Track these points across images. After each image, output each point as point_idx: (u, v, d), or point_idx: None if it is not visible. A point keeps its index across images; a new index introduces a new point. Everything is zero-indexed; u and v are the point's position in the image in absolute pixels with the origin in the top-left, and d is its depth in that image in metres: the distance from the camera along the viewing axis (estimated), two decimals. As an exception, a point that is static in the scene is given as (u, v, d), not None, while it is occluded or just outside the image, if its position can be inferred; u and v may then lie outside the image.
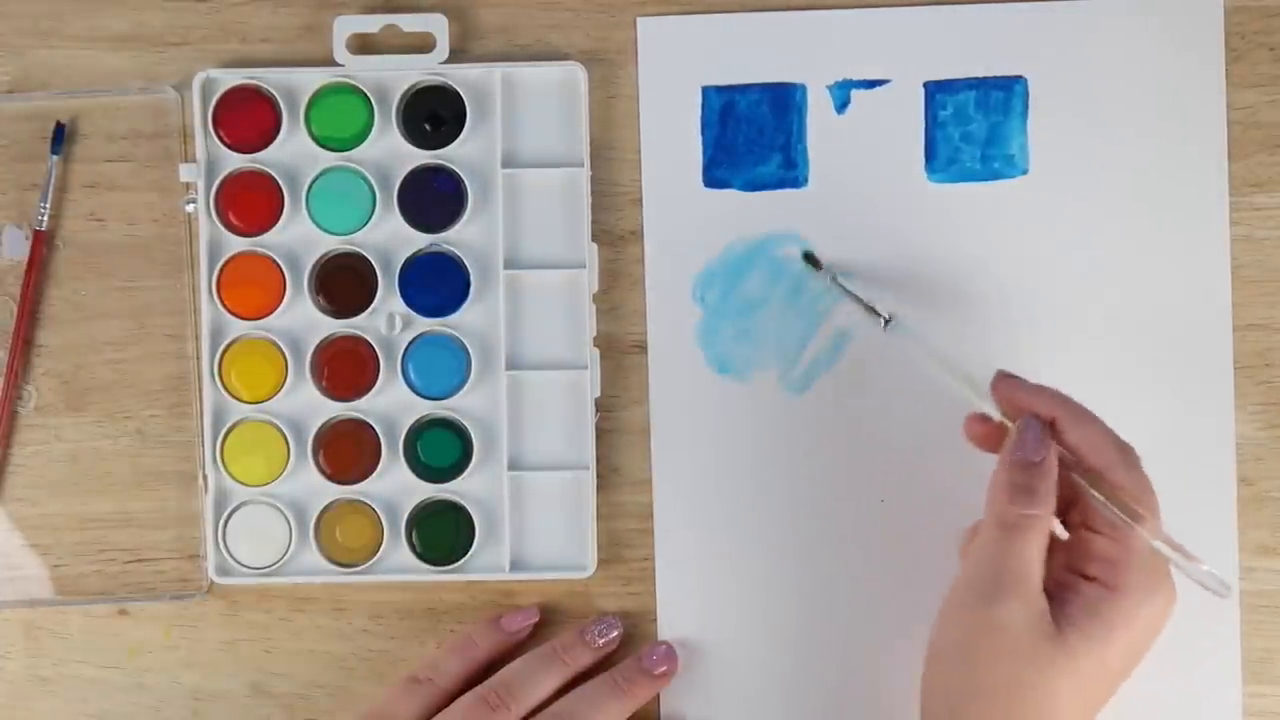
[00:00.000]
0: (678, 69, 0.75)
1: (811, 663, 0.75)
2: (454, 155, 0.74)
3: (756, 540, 0.75)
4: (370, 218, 0.74)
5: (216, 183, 0.75)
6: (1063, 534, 0.67)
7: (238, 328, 0.75)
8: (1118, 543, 0.64)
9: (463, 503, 0.75)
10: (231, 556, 0.75)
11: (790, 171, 0.75)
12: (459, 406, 0.75)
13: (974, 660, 0.63)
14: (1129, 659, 0.64)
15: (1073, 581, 0.64)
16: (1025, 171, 0.74)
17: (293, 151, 0.75)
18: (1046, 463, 0.65)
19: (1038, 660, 0.62)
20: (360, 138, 0.74)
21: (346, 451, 0.75)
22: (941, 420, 0.73)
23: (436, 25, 0.74)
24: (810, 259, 0.74)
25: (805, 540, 0.75)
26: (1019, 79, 0.74)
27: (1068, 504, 0.66)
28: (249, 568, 0.75)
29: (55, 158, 0.75)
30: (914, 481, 0.74)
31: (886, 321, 0.72)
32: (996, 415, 0.67)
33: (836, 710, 0.74)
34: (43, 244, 0.75)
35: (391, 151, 0.75)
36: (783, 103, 0.75)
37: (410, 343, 0.75)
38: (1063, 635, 0.62)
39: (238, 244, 0.75)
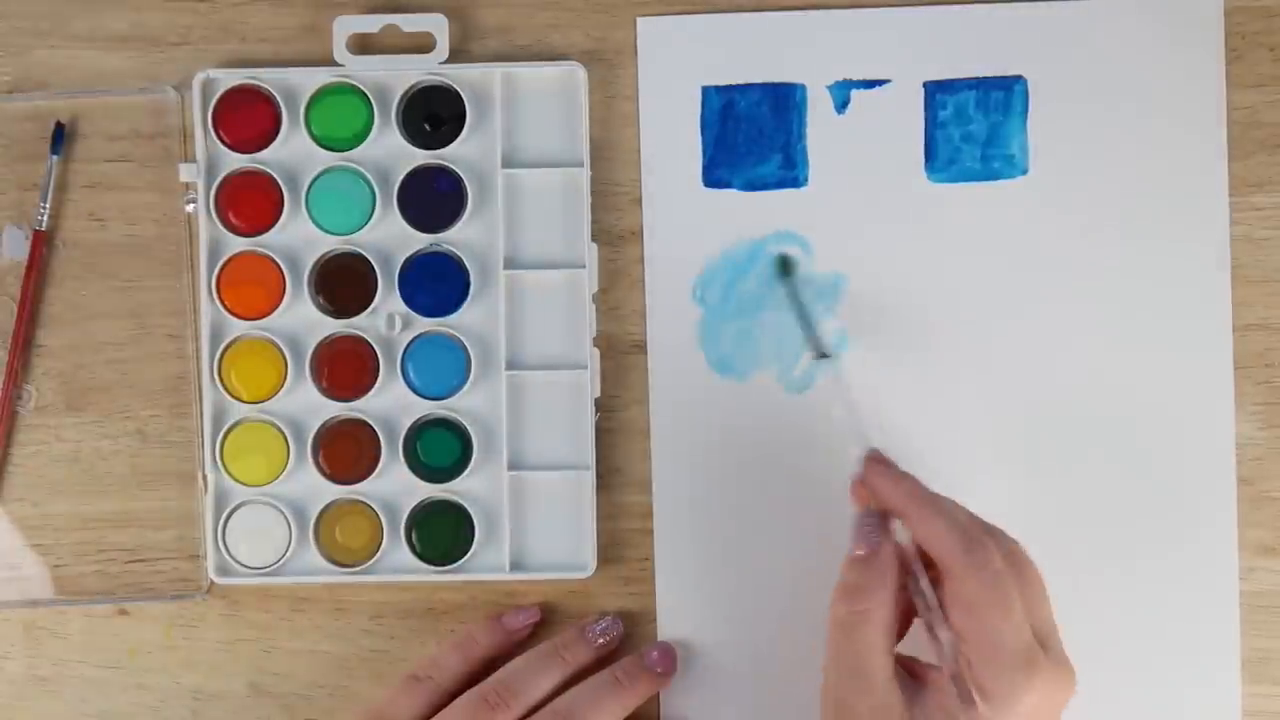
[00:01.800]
0: (677, 69, 0.75)
1: (811, 661, 0.74)
2: (454, 155, 0.74)
3: (756, 540, 0.75)
4: (370, 218, 0.74)
5: (216, 183, 0.75)
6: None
7: (238, 328, 0.75)
8: (965, 648, 0.62)
9: (463, 503, 0.75)
10: (231, 556, 0.75)
11: (790, 171, 0.75)
12: (459, 406, 0.75)
13: None
14: None
15: (934, 676, 0.64)
16: (1025, 171, 0.74)
17: (292, 151, 0.75)
18: (880, 554, 0.65)
19: None
20: (360, 138, 0.74)
21: (346, 451, 0.75)
22: (941, 420, 0.73)
23: (436, 25, 0.74)
24: (785, 264, 0.74)
25: (805, 540, 0.74)
26: (1019, 79, 0.74)
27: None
28: (249, 568, 0.75)
29: (55, 158, 0.75)
30: (914, 481, 0.74)
31: (817, 357, 0.72)
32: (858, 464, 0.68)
33: (836, 710, 0.74)
34: (43, 244, 0.75)
35: (391, 151, 0.75)
36: (783, 103, 0.75)
37: (410, 343, 0.75)
38: None
39: (238, 244, 0.75)
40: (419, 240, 0.75)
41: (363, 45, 0.75)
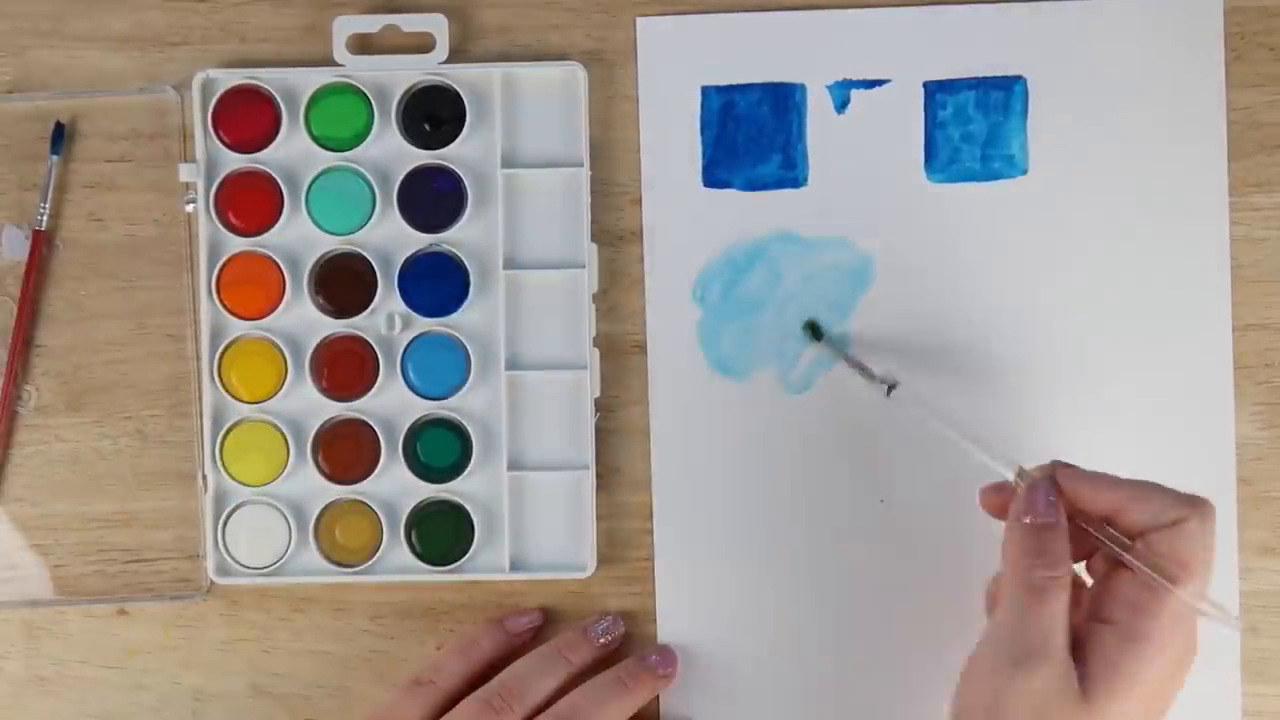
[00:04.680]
0: (677, 69, 0.75)
1: (811, 662, 0.75)
2: (454, 155, 0.74)
3: (756, 540, 0.75)
4: (370, 218, 0.74)
5: (216, 183, 0.75)
6: (1087, 580, 0.66)
7: (238, 328, 0.75)
8: (1147, 588, 0.63)
9: (462, 503, 0.75)
10: (231, 556, 0.75)
11: (790, 171, 0.75)
12: (459, 406, 0.75)
13: None
14: (1151, 713, 0.64)
15: (1094, 632, 0.64)
16: (1025, 171, 0.74)
17: (292, 151, 0.75)
18: (1061, 524, 0.65)
19: None
20: (360, 138, 0.74)
21: (346, 451, 0.75)
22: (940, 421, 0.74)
23: (436, 25, 0.74)
24: (813, 329, 0.74)
25: (805, 540, 0.75)
26: (1019, 79, 0.74)
27: (1089, 552, 0.66)
28: (249, 568, 0.75)
29: (55, 158, 0.75)
30: (914, 481, 0.74)
31: (890, 389, 0.71)
32: (1011, 478, 0.67)
33: (836, 709, 0.74)
34: (43, 244, 0.75)
35: (391, 151, 0.75)
36: (782, 103, 0.75)
37: (410, 343, 0.75)
38: (1088, 698, 0.62)
39: (237, 244, 0.75)
40: (419, 240, 0.74)
41: (363, 45, 0.75)
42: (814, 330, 0.74)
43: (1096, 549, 0.66)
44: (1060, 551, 0.64)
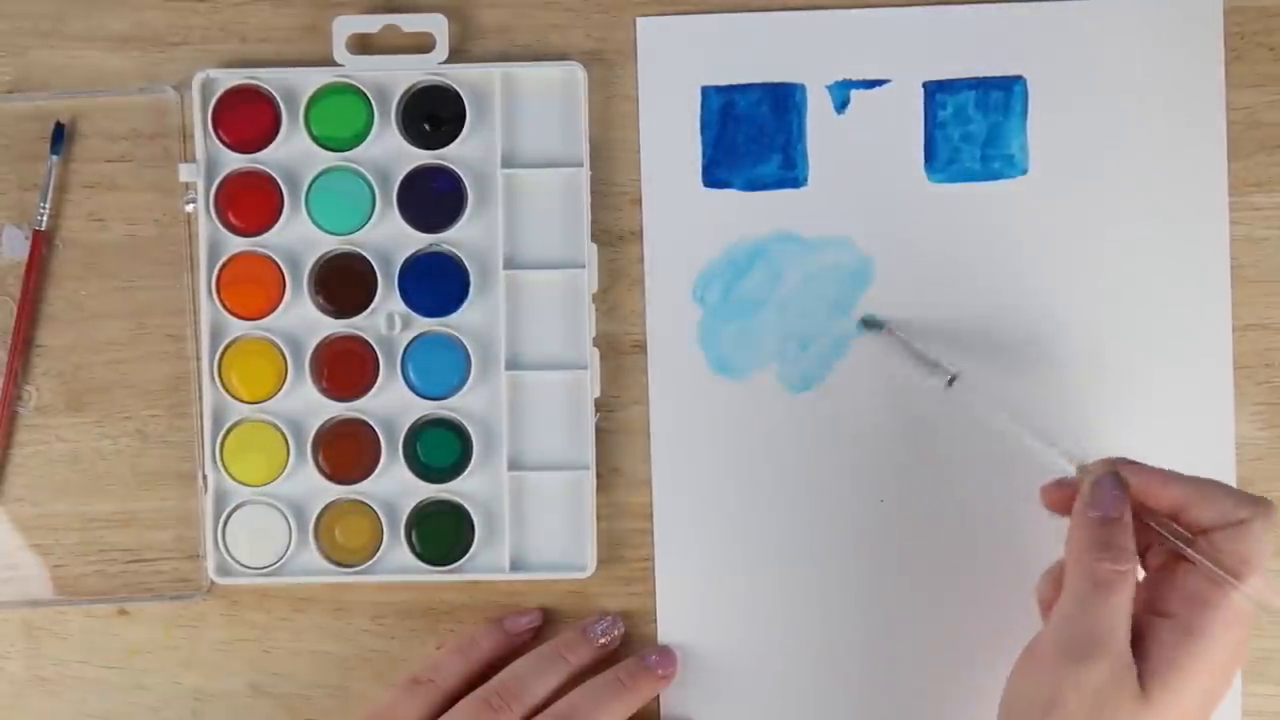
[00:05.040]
0: (677, 69, 0.75)
1: (811, 661, 0.75)
2: (454, 155, 0.74)
3: (756, 540, 0.75)
4: (370, 218, 0.74)
5: (216, 183, 0.75)
6: (1140, 575, 0.66)
7: (238, 328, 0.75)
8: (1208, 581, 0.63)
9: (462, 503, 0.75)
10: (231, 556, 0.75)
11: (790, 171, 0.75)
12: (459, 406, 0.75)
13: (1058, 718, 0.63)
14: (1205, 710, 0.64)
15: (1152, 626, 0.64)
16: (1025, 171, 0.74)
17: (292, 151, 0.75)
18: (1126, 519, 0.65)
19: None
20: (360, 138, 0.74)
21: (346, 451, 0.75)
22: (941, 420, 0.73)
23: (436, 25, 0.74)
24: (870, 323, 0.74)
25: (805, 540, 0.75)
26: (1019, 79, 0.74)
27: (1145, 547, 0.66)
28: (249, 568, 0.75)
29: (55, 158, 0.75)
30: (914, 481, 0.74)
31: (951, 380, 0.71)
32: (1073, 472, 0.67)
33: (836, 709, 0.74)
34: (43, 244, 0.75)
35: (391, 151, 0.75)
36: (782, 103, 0.75)
37: (410, 343, 0.75)
38: (1147, 694, 0.62)
39: (237, 244, 0.75)
40: (419, 240, 0.74)
41: (363, 45, 0.75)
42: (871, 324, 0.74)
43: (1150, 548, 0.66)
44: (1125, 545, 0.64)
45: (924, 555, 0.74)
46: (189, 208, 0.75)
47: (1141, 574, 0.66)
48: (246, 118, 0.75)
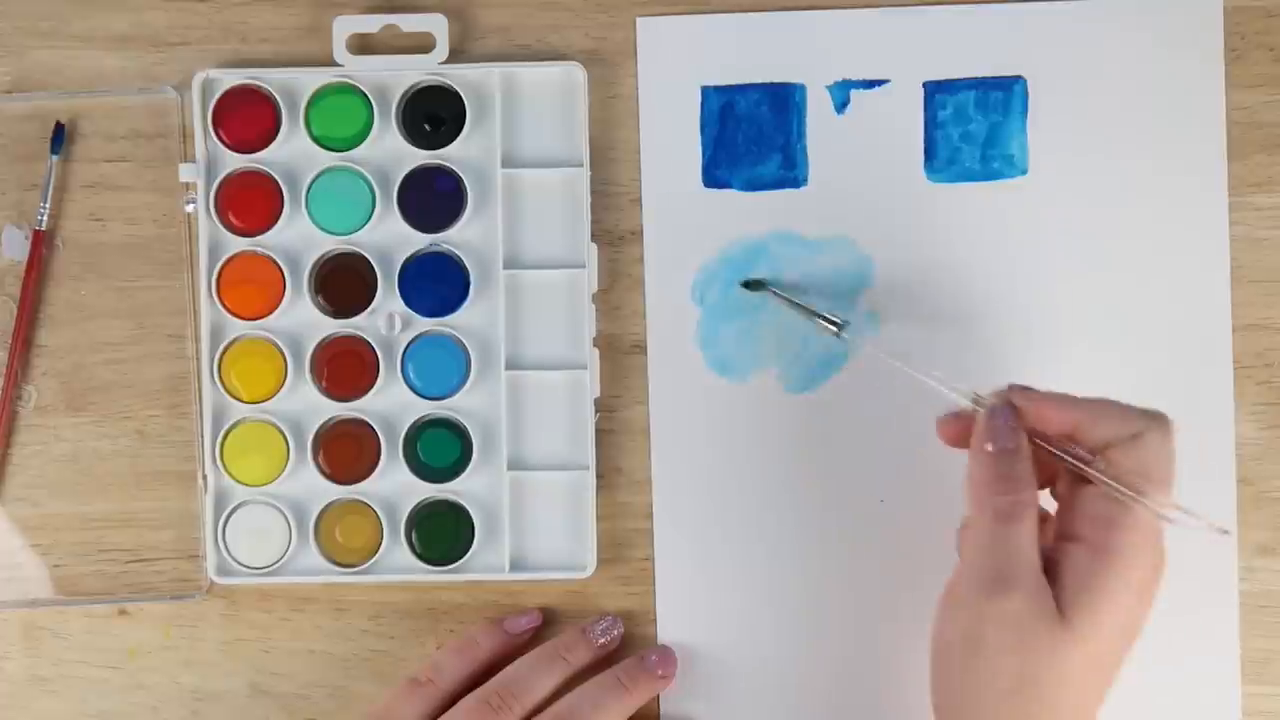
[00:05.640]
0: (677, 69, 0.75)
1: (811, 662, 0.75)
2: (454, 155, 0.74)
3: (756, 540, 0.75)
4: (370, 218, 0.74)
5: (216, 183, 0.75)
6: (1051, 507, 0.67)
7: (237, 328, 0.75)
8: (1113, 502, 0.63)
9: (462, 503, 0.75)
10: (231, 556, 0.75)
11: (790, 171, 0.75)
12: (459, 406, 0.75)
13: (983, 653, 0.63)
14: (1129, 631, 0.64)
15: (1065, 552, 0.64)
16: (1025, 171, 0.74)
17: (292, 151, 0.75)
18: (1023, 448, 0.65)
19: (1045, 647, 0.62)
20: (360, 138, 0.74)
21: (346, 451, 0.75)
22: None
23: (436, 25, 0.74)
24: (750, 285, 0.74)
25: (805, 540, 0.75)
26: (1018, 79, 0.74)
27: (1051, 476, 0.66)
28: (249, 568, 0.75)
29: (55, 158, 0.75)
30: (914, 481, 0.74)
31: (840, 329, 0.71)
32: (968, 406, 0.67)
33: (836, 710, 0.74)
34: (43, 244, 0.75)
35: (391, 151, 0.75)
36: (782, 103, 0.75)
37: (410, 343, 0.75)
38: (1066, 618, 0.62)
39: (237, 244, 0.75)
40: (419, 240, 0.75)
41: (363, 45, 0.75)
42: (753, 285, 0.74)
43: (1057, 476, 0.66)
44: (1024, 475, 0.64)
45: (923, 555, 0.74)
46: (189, 208, 0.75)
47: (1054, 508, 0.66)
48: (246, 118, 0.75)
